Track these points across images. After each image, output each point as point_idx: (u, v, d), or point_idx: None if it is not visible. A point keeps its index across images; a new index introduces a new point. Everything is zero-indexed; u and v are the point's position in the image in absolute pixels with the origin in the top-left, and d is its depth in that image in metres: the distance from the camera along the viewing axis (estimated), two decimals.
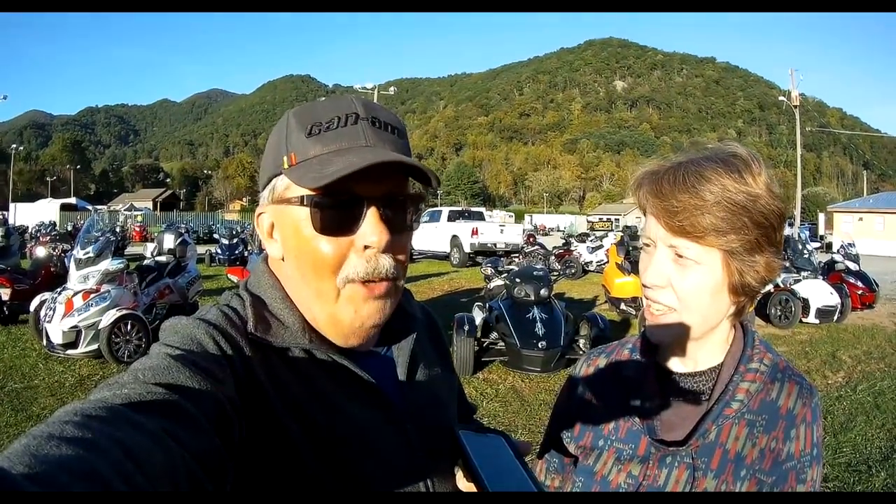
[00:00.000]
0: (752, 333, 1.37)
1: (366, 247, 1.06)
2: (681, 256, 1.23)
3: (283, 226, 1.12)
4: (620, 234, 20.12)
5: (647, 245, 1.30)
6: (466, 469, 1.08)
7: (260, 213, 1.17)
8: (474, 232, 27.19)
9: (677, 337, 1.29)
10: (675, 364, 1.38)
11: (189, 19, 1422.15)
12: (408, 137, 1.18)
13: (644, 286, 1.30)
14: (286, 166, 1.08)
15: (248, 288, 1.18)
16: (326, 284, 1.08)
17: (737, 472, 1.23)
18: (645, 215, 1.32)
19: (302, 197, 1.05)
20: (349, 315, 1.10)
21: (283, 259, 1.14)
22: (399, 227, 1.10)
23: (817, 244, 39.55)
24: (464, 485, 1.19)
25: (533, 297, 9.61)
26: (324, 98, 1.15)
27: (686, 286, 1.23)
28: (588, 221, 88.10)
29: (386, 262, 1.08)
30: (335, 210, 1.04)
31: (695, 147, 1.32)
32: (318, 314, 1.12)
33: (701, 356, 1.34)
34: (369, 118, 1.09)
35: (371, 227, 1.05)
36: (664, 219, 1.22)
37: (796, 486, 1.23)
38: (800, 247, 14.92)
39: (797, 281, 14.03)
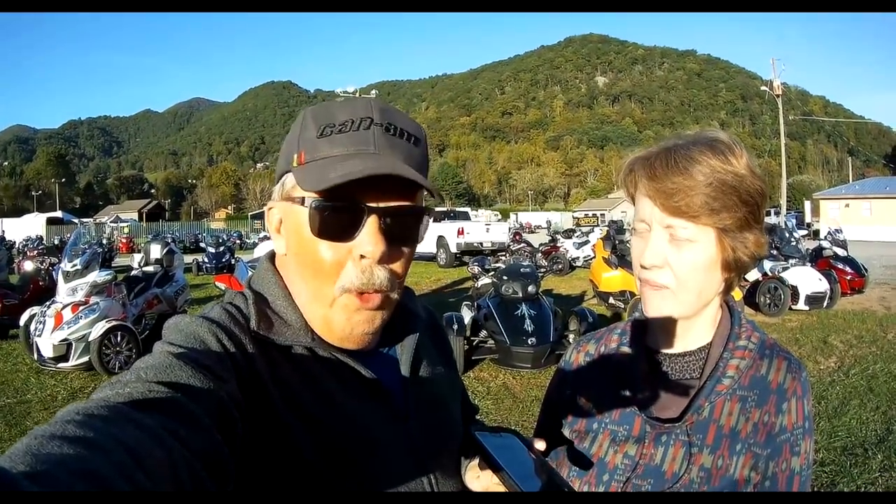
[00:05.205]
0: (738, 313, 1.40)
1: (362, 256, 1.05)
2: (677, 236, 1.25)
3: (288, 223, 1.12)
4: (606, 228, 20.18)
5: (641, 229, 1.31)
6: (494, 471, 1.08)
7: (270, 208, 1.18)
8: (460, 232, 27.07)
9: (674, 315, 1.30)
10: (665, 346, 1.39)
11: (169, 28, 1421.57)
12: (426, 145, 1.18)
13: (642, 267, 1.30)
14: (294, 164, 1.08)
15: (251, 286, 1.19)
16: (325, 289, 1.08)
17: (732, 446, 1.25)
18: (633, 201, 1.35)
19: (303, 198, 1.05)
20: (341, 321, 1.10)
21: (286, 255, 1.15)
22: (401, 239, 1.10)
23: (804, 232, 39.76)
24: (475, 485, 1.20)
25: (521, 294, 9.63)
26: (341, 99, 1.15)
27: (683, 264, 1.25)
28: (574, 217, 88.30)
29: (380, 275, 1.07)
30: (333, 215, 1.04)
31: (676, 135, 1.35)
32: (313, 315, 1.12)
33: (690, 337, 1.36)
34: (384, 124, 1.07)
35: (368, 237, 1.04)
36: (660, 200, 1.24)
37: (791, 459, 1.24)
38: (787, 235, 15.01)
39: (785, 269, 14.07)
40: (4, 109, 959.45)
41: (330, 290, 1.07)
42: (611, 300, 14.23)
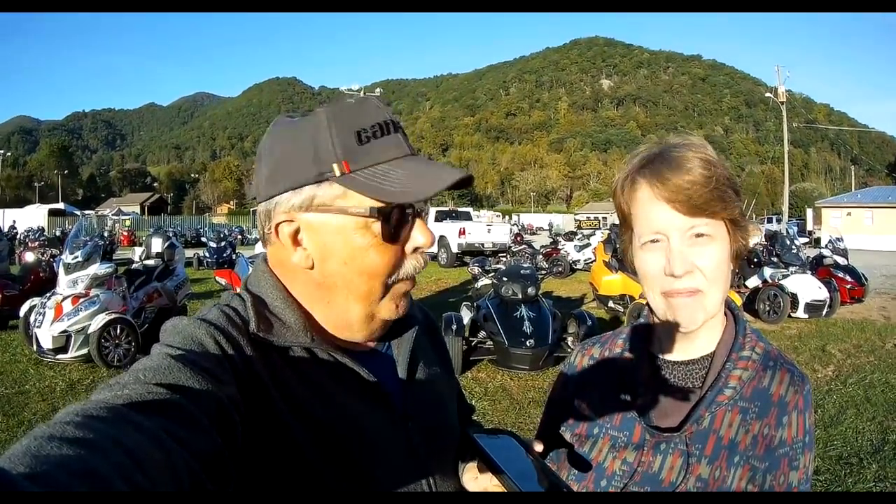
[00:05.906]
0: (743, 322, 1.39)
1: (415, 249, 1.14)
2: (699, 236, 1.26)
3: (322, 235, 1.10)
4: (608, 232, 20.16)
5: (656, 241, 1.30)
6: (493, 472, 1.09)
7: (281, 222, 1.11)
8: (462, 232, 27.19)
9: (707, 316, 1.30)
10: (669, 352, 1.39)
11: (175, 22, 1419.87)
12: None
13: (674, 277, 1.28)
14: (338, 174, 1.05)
15: (248, 288, 1.19)
16: (376, 285, 1.11)
17: (730, 458, 1.24)
18: (629, 215, 1.36)
19: (370, 209, 1.06)
20: (389, 308, 1.15)
21: (311, 267, 1.12)
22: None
23: (805, 240, 39.72)
24: (473, 486, 1.21)
25: (520, 296, 9.62)
26: (351, 100, 1.13)
27: (711, 263, 1.26)
28: (576, 220, 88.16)
29: (426, 259, 1.21)
30: (398, 219, 1.09)
31: (645, 147, 1.37)
32: (357, 314, 1.15)
33: (695, 344, 1.36)
34: (397, 124, 1.12)
35: (420, 232, 1.13)
36: (679, 203, 1.24)
37: (789, 473, 1.24)
38: (788, 242, 15.01)
39: (785, 276, 14.10)
40: (8, 100, 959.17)
41: (382, 284, 1.12)
42: (610, 304, 14.18)
